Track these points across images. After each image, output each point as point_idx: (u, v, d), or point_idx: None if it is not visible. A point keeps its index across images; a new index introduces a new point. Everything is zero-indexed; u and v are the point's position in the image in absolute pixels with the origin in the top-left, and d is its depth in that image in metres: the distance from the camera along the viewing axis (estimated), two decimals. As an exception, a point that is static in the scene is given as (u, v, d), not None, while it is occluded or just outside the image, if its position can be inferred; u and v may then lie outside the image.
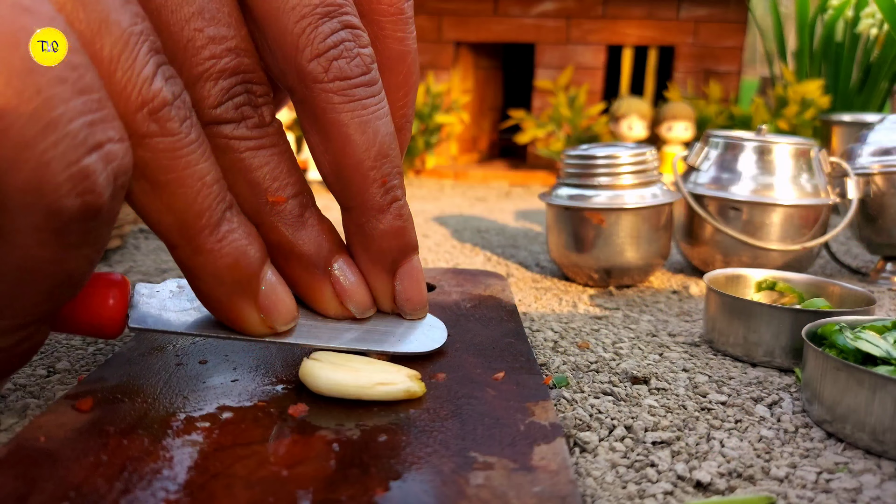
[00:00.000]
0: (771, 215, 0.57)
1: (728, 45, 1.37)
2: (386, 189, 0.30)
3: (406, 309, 0.33)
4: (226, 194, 0.27)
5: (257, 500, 0.22)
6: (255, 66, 0.27)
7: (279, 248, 0.30)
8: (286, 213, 0.29)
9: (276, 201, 0.28)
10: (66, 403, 0.28)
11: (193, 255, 0.26)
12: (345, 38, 0.27)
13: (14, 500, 0.21)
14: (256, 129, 0.28)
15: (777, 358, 0.39)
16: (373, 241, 0.31)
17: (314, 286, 0.31)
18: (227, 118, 0.27)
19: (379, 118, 0.29)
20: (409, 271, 0.33)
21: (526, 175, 1.33)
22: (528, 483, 0.23)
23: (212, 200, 0.26)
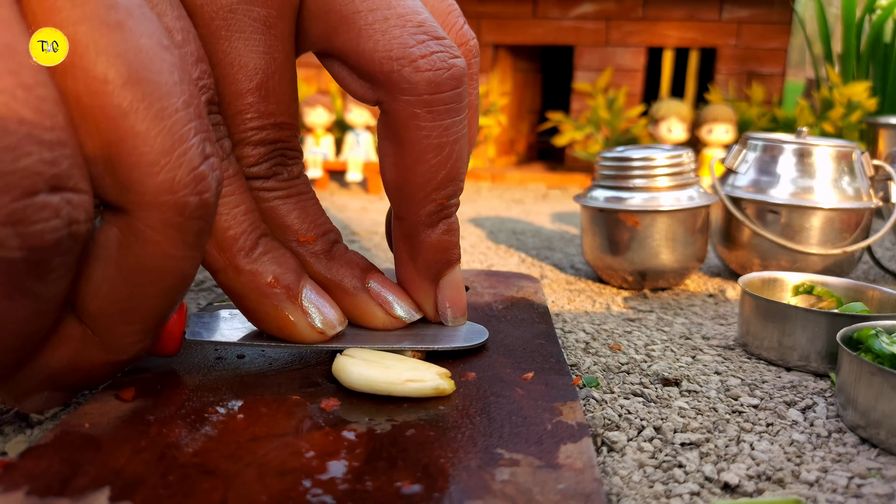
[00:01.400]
0: (811, 219, 0.56)
1: (772, 46, 1.35)
2: (442, 208, 0.32)
3: (447, 316, 0.35)
4: (259, 224, 0.30)
5: (288, 489, 0.22)
6: (292, 136, 0.31)
7: (315, 279, 0.32)
8: (316, 251, 0.32)
9: (306, 241, 0.32)
10: (109, 393, 0.29)
11: (235, 276, 0.29)
12: (435, 49, 0.29)
13: (59, 481, 0.22)
14: (284, 182, 0.31)
15: (812, 362, 0.39)
16: (420, 252, 0.33)
17: (357, 304, 0.33)
18: (260, 175, 0.31)
19: (457, 141, 0.30)
20: (450, 281, 0.34)
21: (563, 177, 1.33)
22: (553, 480, 0.23)
23: (245, 227, 0.29)
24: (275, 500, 0.22)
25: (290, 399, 0.29)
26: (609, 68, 1.32)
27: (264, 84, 0.29)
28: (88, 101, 0.21)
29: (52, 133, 0.20)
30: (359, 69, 0.29)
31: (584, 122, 1.26)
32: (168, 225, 0.23)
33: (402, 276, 0.35)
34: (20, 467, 0.23)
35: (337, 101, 1.25)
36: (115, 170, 0.22)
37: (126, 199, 0.22)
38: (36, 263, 0.21)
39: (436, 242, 0.32)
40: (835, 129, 1.13)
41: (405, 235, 0.33)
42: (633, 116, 1.25)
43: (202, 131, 0.24)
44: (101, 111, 0.21)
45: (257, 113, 0.30)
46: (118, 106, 0.21)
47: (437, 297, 0.35)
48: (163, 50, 0.23)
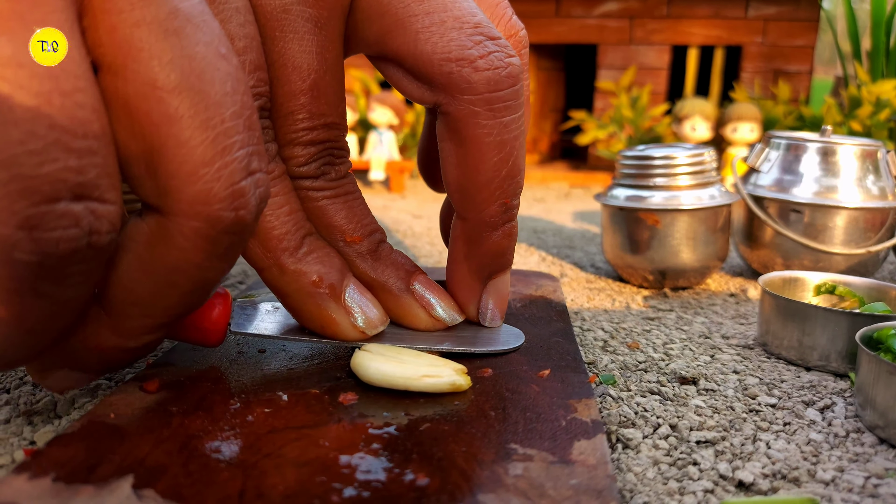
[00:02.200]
0: (834, 218, 0.56)
1: (799, 44, 1.33)
2: (506, 209, 0.32)
3: (487, 318, 0.36)
4: (304, 223, 0.31)
5: (305, 480, 0.23)
6: (340, 136, 0.32)
7: (361, 279, 0.33)
8: (363, 251, 0.33)
9: (353, 241, 0.32)
10: (134, 385, 0.30)
11: (280, 275, 0.30)
12: (492, 48, 0.29)
13: (84, 469, 0.23)
14: (332, 182, 0.32)
15: (833, 362, 0.39)
16: (478, 254, 0.33)
17: (400, 305, 0.34)
18: (309, 174, 0.31)
19: (517, 138, 0.30)
20: (499, 284, 0.35)
21: (586, 176, 1.32)
22: (566, 476, 0.24)
23: (290, 227, 0.30)
24: (292, 490, 0.22)
25: (309, 393, 0.30)
26: (633, 67, 1.31)
27: (316, 84, 0.30)
28: (136, 103, 0.21)
29: (83, 141, 0.20)
30: (416, 72, 0.30)
31: (607, 120, 1.26)
32: (199, 235, 0.23)
33: (453, 275, 0.35)
34: (47, 455, 0.24)
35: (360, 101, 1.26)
36: (155, 173, 0.22)
37: (162, 203, 0.23)
38: (52, 269, 0.21)
39: (495, 245, 0.33)
40: (863, 127, 1.11)
41: (466, 236, 0.33)
42: (657, 115, 1.24)
43: (250, 145, 0.23)
44: (147, 115, 0.21)
45: (308, 113, 0.30)
46: (165, 112, 0.21)
47: (482, 297, 0.35)
48: (219, 59, 0.23)
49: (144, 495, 0.22)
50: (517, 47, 0.34)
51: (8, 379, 0.35)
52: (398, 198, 1.11)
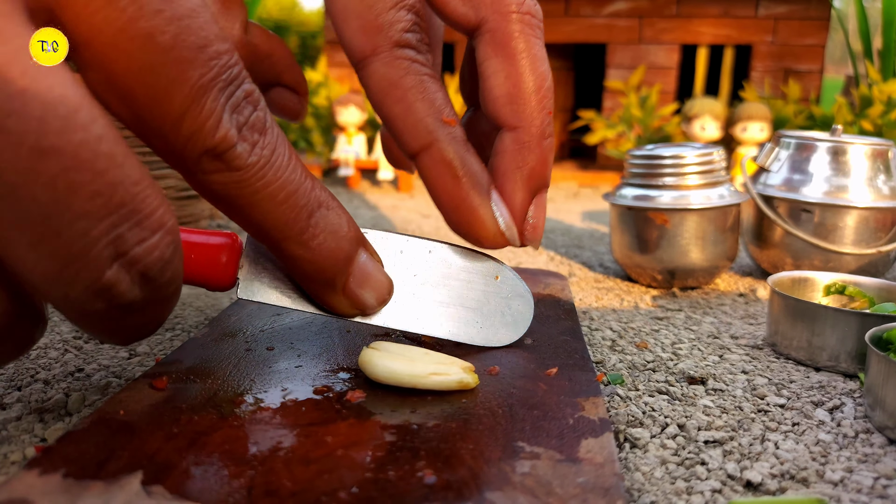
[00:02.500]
0: (844, 218, 0.55)
1: (809, 42, 1.33)
2: (549, 121, 0.33)
3: (530, 236, 0.35)
4: (307, 199, 0.27)
5: (313, 477, 0.23)
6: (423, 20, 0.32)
7: (449, 168, 0.32)
8: (457, 134, 0.32)
9: (449, 122, 0.31)
10: (143, 382, 0.30)
11: (285, 261, 0.29)
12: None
13: (95, 465, 0.23)
14: (429, 68, 0.32)
15: (842, 363, 0.38)
16: (528, 161, 0.33)
17: (479, 205, 0.32)
18: (413, 44, 0.31)
19: (545, 58, 0.33)
20: (541, 201, 0.35)
21: (595, 176, 1.32)
22: (573, 474, 0.24)
23: (290, 214, 0.27)
24: (300, 487, 0.22)
25: (317, 390, 0.30)
26: (642, 66, 1.30)
27: None
28: None
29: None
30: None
31: (616, 120, 1.25)
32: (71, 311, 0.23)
33: (506, 187, 0.33)
34: (58, 451, 0.24)
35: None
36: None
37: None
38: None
39: (542, 155, 0.33)
40: (874, 126, 1.10)
41: (518, 145, 0.32)
42: (666, 114, 1.24)
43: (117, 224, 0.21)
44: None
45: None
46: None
47: (530, 209, 0.34)
48: None
49: (153, 491, 0.22)
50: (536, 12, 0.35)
51: (20, 376, 0.35)
52: (407, 197, 1.11)
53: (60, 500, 0.21)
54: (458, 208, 0.32)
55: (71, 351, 0.39)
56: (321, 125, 1.29)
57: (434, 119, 0.31)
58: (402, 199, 1.09)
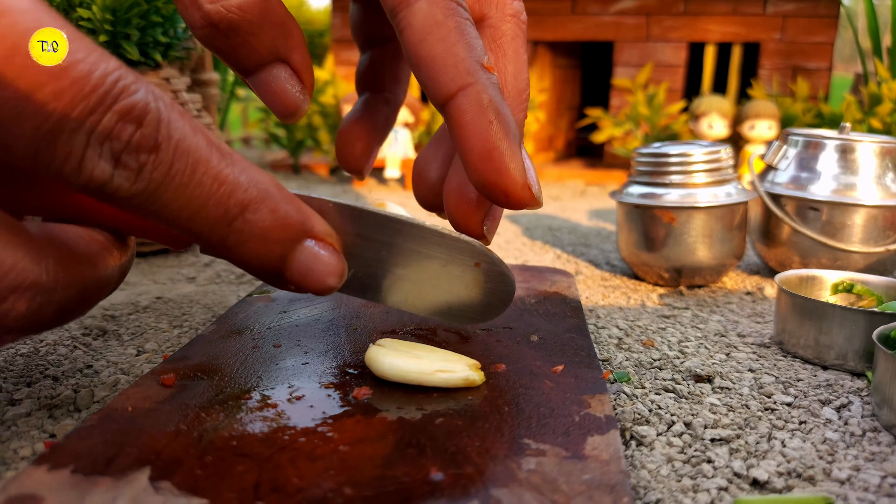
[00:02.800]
0: (852, 216, 0.55)
1: (818, 40, 1.32)
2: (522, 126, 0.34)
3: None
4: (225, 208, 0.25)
5: (319, 473, 0.23)
6: None
7: (486, 111, 0.30)
8: (495, 81, 0.31)
9: (488, 68, 0.31)
10: (151, 379, 0.30)
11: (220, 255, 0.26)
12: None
13: (103, 461, 0.23)
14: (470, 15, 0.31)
15: (850, 361, 0.38)
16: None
17: (512, 153, 0.31)
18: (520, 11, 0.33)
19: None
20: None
21: (602, 174, 1.32)
22: (579, 471, 0.24)
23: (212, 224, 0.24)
24: (306, 482, 0.22)
25: (323, 387, 0.30)
26: (649, 64, 1.30)
27: None
28: None
29: None
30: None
31: (623, 118, 1.25)
32: None
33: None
34: (66, 447, 0.24)
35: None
36: None
37: None
38: None
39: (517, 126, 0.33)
40: (883, 124, 1.10)
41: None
42: (674, 112, 1.23)
43: None
44: None
45: None
46: None
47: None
48: None
49: (161, 487, 0.22)
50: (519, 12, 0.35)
51: (30, 372, 0.36)
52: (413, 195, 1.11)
53: (69, 495, 0.21)
54: (489, 154, 0.30)
55: (80, 348, 0.39)
56: (328, 123, 1.30)
57: (475, 61, 0.30)
58: (409, 196, 1.09)
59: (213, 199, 0.24)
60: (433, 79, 0.30)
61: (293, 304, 0.41)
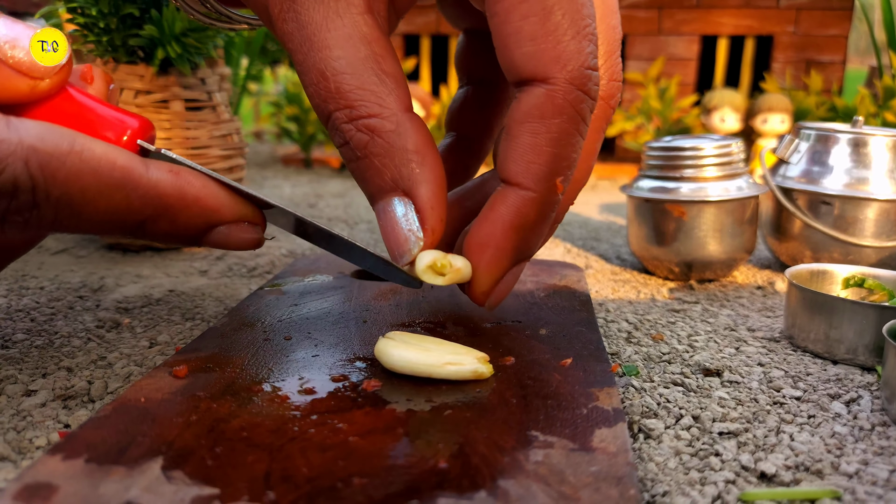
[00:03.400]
0: (865, 210, 0.55)
1: (832, 33, 1.31)
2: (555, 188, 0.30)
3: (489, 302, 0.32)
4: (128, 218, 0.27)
5: (329, 463, 0.23)
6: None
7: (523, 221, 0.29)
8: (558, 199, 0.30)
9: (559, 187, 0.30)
10: (164, 370, 0.30)
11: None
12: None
13: (116, 450, 0.24)
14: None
15: (860, 356, 0.38)
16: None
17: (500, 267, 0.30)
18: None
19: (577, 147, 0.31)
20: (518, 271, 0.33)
21: (613, 168, 1.31)
22: (586, 463, 0.24)
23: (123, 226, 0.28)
24: (316, 472, 0.23)
25: (333, 378, 0.30)
26: (661, 57, 1.29)
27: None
28: None
29: None
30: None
31: (634, 112, 1.24)
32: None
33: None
34: (80, 437, 0.24)
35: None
36: None
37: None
38: None
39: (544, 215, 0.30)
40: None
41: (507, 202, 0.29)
42: (686, 106, 1.23)
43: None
44: None
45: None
46: None
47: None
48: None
49: (173, 476, 0.22)
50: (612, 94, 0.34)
51: (45, 364, 0.36)
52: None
53: (83, 484, 0.22)
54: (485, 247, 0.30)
55: (94, 340, 0.40)
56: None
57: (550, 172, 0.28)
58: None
59: (109, 223, 0.27)
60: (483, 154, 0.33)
61: (304, 297, 0.42)
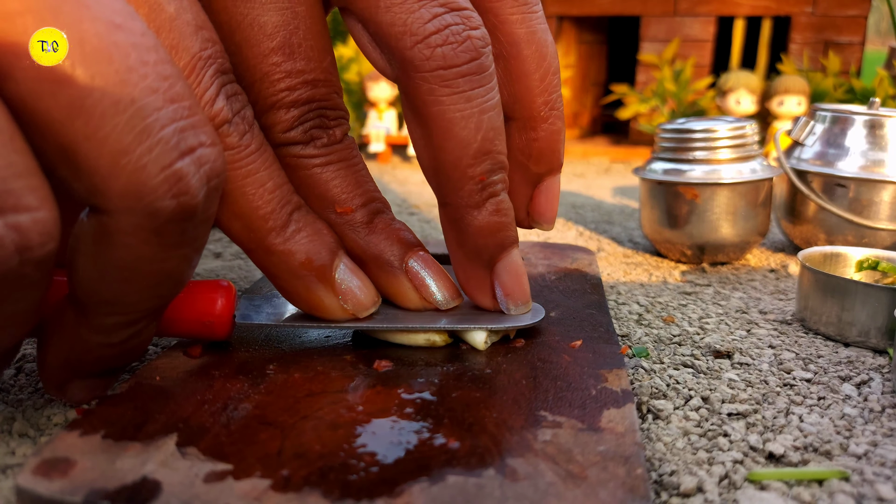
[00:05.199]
0: (881, 193, 0.54)
1: (851, 13, 1.29)
2: (483, 186, 0.29)
3: (508, 304, 0.32)
4: (291, 197, 0.28)
5: (340, 441, 0.24)
6: (329, 93, 0.29)
7: (353, 252, 0.31)
8: (355, 222, 0.30)
9: (344, 211, 0.30)
10: (178, 350, 0.31)
11: (267, 256, 0.28)
12: (450, 21, 0.26)
13: (132, 427, 0.24)
14: (324, 148, 0.29)
15: (872, 338, 0.38)
16: (468, 236, 0.30)
17: (392, 283, 0.31)
18: (297, 140, 0.29)
19: (485, 111, 0.27)
20: (507, 266, 0.31)
21: (628, 151, 1.31)
22: (594, 442, 0.24)
23: (275, 205, 0.28)
24: (328, 449, 0.23)
25: (344, 359, 0.31)
26: (676, 39, 1.28)
27: (287, 41, 0.27)
28: (33, 103, 0.19)
29: None
30: (377, 40, 0.27)
31: (649, 94, 1.24)
32: (140, 229, 0.21)
33: (455, 265, 0.32)
34: (97, 414, 0.25)
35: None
36: (77, 174, 0.20)
37: (95, 201, 0.21)
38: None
39: (484, 225, 0.29)
40: (916, 100, 1.07)
41: (451, 221, 0.30)
42: (701, 88, 1.22)
43: (179, 119, 0.21)
44: (47, 113, 0.19)
45: (284, 72, 0.27)
46: (64, 105, 0.19)
47: (494, 284, 0.32)
48: (113, 31, 0.20)
49: (188, 452, 0.23)
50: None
51: (61, 343, 0.37)
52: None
53: (100, 459, 0.22)
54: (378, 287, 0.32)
55: (110, 320, 0.40)
56: (352, 101, 1.30)
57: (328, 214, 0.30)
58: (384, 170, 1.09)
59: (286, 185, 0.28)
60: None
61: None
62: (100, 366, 0.26)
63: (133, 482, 0.21)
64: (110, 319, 0.24)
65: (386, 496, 0.21)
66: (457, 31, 0.26)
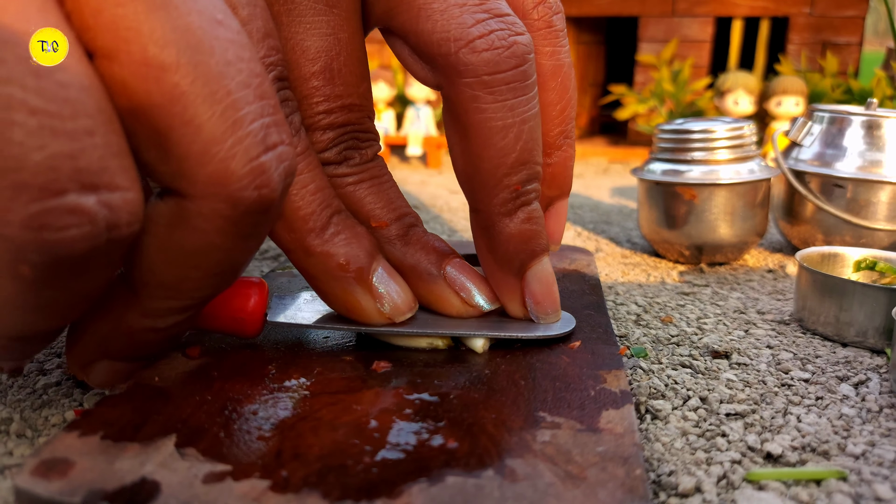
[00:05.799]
0: (878, 193, 0.54)
1: (848, 14, 1.29)
2: (517, 195, 0.29)
3: (537, 313, 0.33)
4: (332, 201, 0.29)
5: (339, 441, 0.24)
6: (363, 118, 0.31)
7: (391, 264, 0.31)
8: (391, 236, 0.31)
9: (380, 226, 0.31)
10: (177, 350, 0.31)
11: (306, 257, 0.29)
12: (494, 27, 0.27)
13: (131, 428, 0.24)
14: (357, 167, 0.31)
15: (870, 339, 0.38)
16: (499, 244, 0.31)
17: (432, 290, 0.32)
18: (331, 160, 0.30)
19: (526, 121, 0.28)
20: (537, 274, 0.32)
21: (626, 152, 1.31)
22: (593, 443, 0.24)
23: (316, 206, 0.28)
24: (326, 450, 0.23)
25: (344, 360, 0.31)
26: (675, 39, 1.28)
27: (328, 66, 0.29)
28: (135, 86, 0.20)
29: (73, 122, 0.18)
30: (418, 51, 0.28)
31: (647, 94, 1.24)
32: (220, 217, 0.22)
33: (486, 272, 0.33)
34: (96, 415, 0.25)
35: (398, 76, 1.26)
36: (167, 157, 0.21)
37: (179, 186, 0.21)
38: (69, 267, 0.19)
39: (516, 233, 0.30)
40: (914, 100, 1.08)
41: (482, 227, 0.31)
42: (699, 89, 1.22)
43: (265, 115, 0.22)
44: (147, 97, 0.20)
45: (323, 96, 0.29)
46: (164, 91, 0.20)
47: (524, 292, 0.32)
48: (215, 26, 0.21)
49: (187, 453, 0.23)
50: (545, 14, 0.31)
51: (59, 343, 0.37)
52: (435, 173, 1.11)
53: (99, 459, 0.22)
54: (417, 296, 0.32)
55: (108, 321, 0.40)
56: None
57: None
58: (430, 174, 1.09)
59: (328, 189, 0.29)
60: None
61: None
62: (136, 350, 0.27)
63: (132, 483, 0.21)
64: (165, 304, 0.25)
65: (385, 497, 0.21)
66: (502, 36, 0.27)
